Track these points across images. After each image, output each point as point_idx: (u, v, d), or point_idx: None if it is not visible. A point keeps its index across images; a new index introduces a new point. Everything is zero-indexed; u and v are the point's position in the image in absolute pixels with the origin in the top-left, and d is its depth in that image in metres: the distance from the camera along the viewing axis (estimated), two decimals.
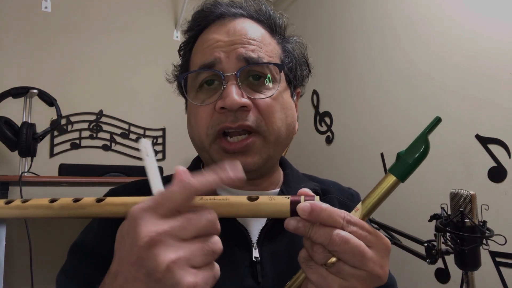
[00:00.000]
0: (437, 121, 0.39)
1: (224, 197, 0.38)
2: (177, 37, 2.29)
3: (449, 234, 0.82)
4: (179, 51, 0.65)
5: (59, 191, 1.79)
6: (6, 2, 1.83)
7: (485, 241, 0.79)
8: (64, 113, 1.77)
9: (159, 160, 2.13)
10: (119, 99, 2.08)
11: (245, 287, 0.51)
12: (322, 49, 2.04)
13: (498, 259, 1.16)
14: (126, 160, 2.05)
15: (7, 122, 1.56)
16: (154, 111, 2.16)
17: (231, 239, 0.37)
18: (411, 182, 0.41)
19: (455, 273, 1.29)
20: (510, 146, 1.17)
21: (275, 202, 0.39)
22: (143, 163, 0.38)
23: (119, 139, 2.05)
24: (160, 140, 2.17)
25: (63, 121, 1.89)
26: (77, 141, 1.95)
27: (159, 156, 2.16)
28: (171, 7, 2.31)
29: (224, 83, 0.53)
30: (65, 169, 1.62)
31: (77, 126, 1.96)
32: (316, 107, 2.09)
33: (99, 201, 0.41)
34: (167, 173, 0.57)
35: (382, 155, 1.65)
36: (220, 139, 0.54)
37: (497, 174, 1.20)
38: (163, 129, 2.19)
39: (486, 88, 1.25)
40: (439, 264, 1.33)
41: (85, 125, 1.98)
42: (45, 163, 1.83)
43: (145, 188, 0.61)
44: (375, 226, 1.20)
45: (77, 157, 1.92)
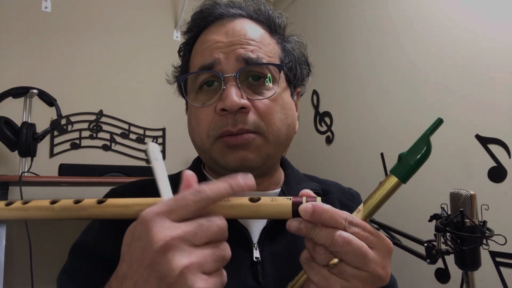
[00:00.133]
0: (438, 122, 0.39)
1: (226, 199, 0.38)
2: (177, 37, 2.29)
3: (449, 234, 0.82)
4: (178, 52, 0.65)
5: (59, 191, 1.79)
6: (6, 2, 1.83)
7: (485, 241, 0.79)
8: (64, 113, 1.78)
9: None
10: (119, 99, 2.07)
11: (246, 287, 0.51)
12: (322, 49, 2.04)
13: (498, 259, 1.16)
14: (126, 160, 2.05)
15: (7, 122, 1.56)
16: (154, 111, 2.16)
17: (232, 240, 0.37)
18: (411, 182, 0.41)
19: (455, 273, 1.29)
20: (510, 146, 1.17)
21: (277, 203, 0.39)
22: (152, 167, 0.37)
23: (119, 139, 2.06)
24: (160, 140, 2.17)
25: (63, 121, 1.89)
26: (77, 141, 1.95)
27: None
28: (171, 7, 2.31)
29: (223, 84, 0.53)
30: (65, 169, 1.62)
31: (77, 126, 1.96)
32: (316, 107, 2.09)
33: (100, 202, 0.41)
34: (167, 173, 0.57)
35: (382, 155, 1.65)
36: (221, 138, 0.54)
37: (497, 174, 1.20)
38: (163, 129, 2.19)
39: (486, 88, 1.25)
40: (439, 264, 1.33)
41: (85, 125, 1.98)
42: (45, 163, 1.83)
43: (146, 188, 0.62)
44: (375, 226, 1.20)
45: (77, 157, 1.92)
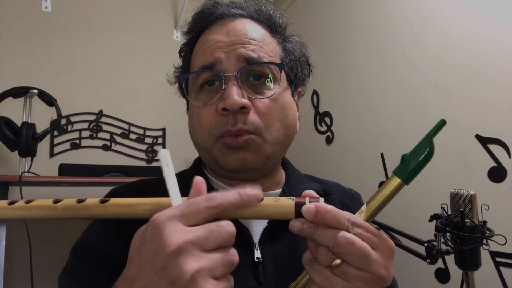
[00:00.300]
0: (442, 123, 0.40)
1: None
2: (177, 37, 2.29)
3: (449, 234, 0.81)
4: (179, 53, 0.65)
5: (59, 191, 1.79)
6: (6, 2, 1.83)
7: (485, 241, 0.79)
8: (64, 113, 1.77)
9: (158, 160, 2.13)
10: (119, 99, 2.07)
11: None
12: (322, 49, 2.04)
13: (498, 259, 1.16)
14: (126, 160, 2.05)
15: (7, 122, 1.55)
16: (154, 111, 2.16)
17: None
18: (412, 182, 0.41)
19: (455, 273, 1.29)
20: (510, 146, 1.17)
21: (280, 203, 0.39)
22: (163, 173, 0.38)
23: (119, 139, 2.05)
24: (160, 140, 2.17)
25: (63, 121, 1.89)
26: (77, 141, 1.95)
27: (159, 156, 2.15)
28: (171, 7, 2.31)
29: (224, 83, 0.53)
30: (65, 169, 1.62)
31: (77, 126, 1.95)
32: (316, 107, 2.09)
33: (103, 202, 0.41)
34: None
35: (382, 155, 1.65)
36: (222, 138, 0.54)
37: (497, 174, 1.20)
38: (163, 129, 2.18)
39: (486, 88, 1.25)
40: (439, 264, 1.33)
41: (85, 125, 1.98)
42: (45, 163, 1.83)
43: (146, 188, 0.62)
44: (375, 226, 1.20)
45: (77, 157, 1.92)
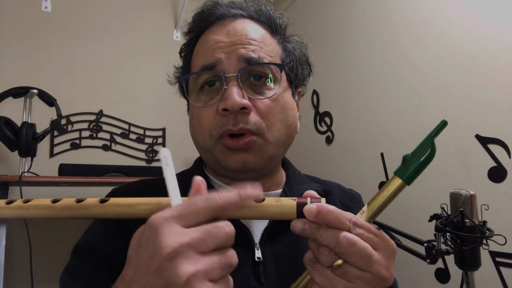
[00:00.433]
0: (443, 124, 0.40)
1: None
2: (177, 37, 2.29)
3: (449, 234, 0.81)
4: (180, 53, 0.65)
5: (59, 191, 1.79)
6: (6, 2, 1.83)
7: (485, 241, 0.79)
8: (64, 113, 1.77)
9: (158, 160, 2.13)
10: (119, 99, 2.07)
11: None
12: (322, 49, 2.04)
13: (498, 259, 1.16)
14: (126, 160, 2.05)
15: (7, 122, 1.55)
16: (154, 111, 2.16)
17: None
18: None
19: (455, 273, 1.29)
20: (510, 146, 1.17)
21: (281, 204, 0.39)
22: (163, 172, 0.38)
23: (119, 139, 2.05)
24: (160, 140, 2.17)
25: (63, 121, 1.89)
26: (77, 141, 1.95)
27: (159, 156, 2.15)
28: (171, 7, 2.30)
29: (225, 84, 0.53)
30: (65, 169, 1.62)
31: (77, 126, 1.95)
32: (316, 107, 2.09)
33: (103, 201, 0.41)
34: None
35: (382, 155, 1.65)
36: (223, 138, 0.54)
37: (497, 174, 1.20)
38: (163, 129, 2.18)
39: (486, 88, 1.25)
40: (439, 264, 1.33)
41: (85, 125, 1.97)
42: (45, 163, 1.83)
43: (147, 188, 0.62)
44: (375, 226, 1.20)
45: (77, 157, 1.92)
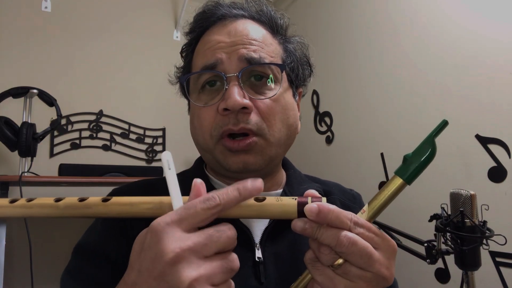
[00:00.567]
0: (443, 124, 0.40)
1: None
2: (177, 37, 2.29)
3: (449, 234, 0.82)
4: (181, 53, 0.65)
5: (59, 191, 1.79)
6: (6, 2, 1.83)
7: (485, 241, 0.79)
8: (64, 113, 1.77)
9: (158, 160, 2.13)
10: (119, 99, 2.07)
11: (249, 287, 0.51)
12: (322, 49, 2.04)
13: (498, 259, 1.16)
14: (126, 160, 2.05)
15: (7, 122, 1.55)
16: (154, 111, 2.16)
17: None
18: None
19: (455, 273, 1.30)
20: (510, 146, 1.17)
21: (282, 203, 0.39)
22: (165, 176, 0.38)
23: (119, 139, 2.05)
24: (160, 140, 2.17)
25: (63, 121, 1.89)
26: (77, 141, 1.95)
27: (159, 156, 2.16)
28: (171, 7, 2.31)
29: (226, 84, 0.53)
30: (65, 169, 1.62)
31: (77, 126, 1.95)
32: (316, 107, 2.10)
33: (105, 200, 0.41)
34: None
35: (382, 155, 1.66)
36: (224, 139, 0.54)
37: (497, 174, 1.20)
38: (163, 129, 2.18)
39: (486, 88, 1.25)
40: (439, 264, 1.33)
41: (85, 125, 1.97)
42: (45, 163, 1.83)
43: (148, 188, 0.62)
44: (376, 226, 1.20)
45: (77, 157, 1.92)
